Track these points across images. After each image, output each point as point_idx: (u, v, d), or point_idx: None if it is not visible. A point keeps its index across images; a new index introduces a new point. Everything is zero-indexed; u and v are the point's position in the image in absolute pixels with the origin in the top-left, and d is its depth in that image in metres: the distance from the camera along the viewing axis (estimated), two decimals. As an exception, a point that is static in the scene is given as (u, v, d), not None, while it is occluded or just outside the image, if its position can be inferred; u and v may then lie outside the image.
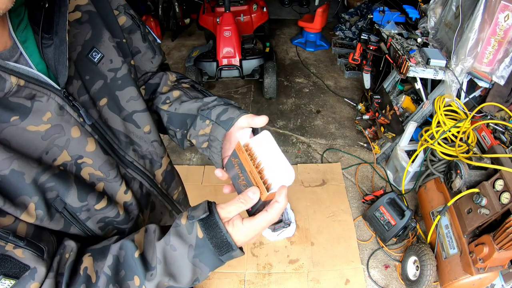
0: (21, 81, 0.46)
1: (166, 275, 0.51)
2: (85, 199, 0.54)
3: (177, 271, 0.51)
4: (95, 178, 0.57)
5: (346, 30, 4.19)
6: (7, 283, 0.44)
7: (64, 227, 0.54)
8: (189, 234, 0.51)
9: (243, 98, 3.35)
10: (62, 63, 0.50)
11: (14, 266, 0.45)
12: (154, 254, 0.51)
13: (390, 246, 2.03)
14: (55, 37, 0.50)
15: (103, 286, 0.50)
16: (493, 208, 1.46)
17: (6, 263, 0.44)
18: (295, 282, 1.87)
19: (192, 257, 0.51)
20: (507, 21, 1.77)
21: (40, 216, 0.49)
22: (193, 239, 0.51)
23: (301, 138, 2.85)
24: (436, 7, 2.34)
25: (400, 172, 2.30)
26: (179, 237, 0.51)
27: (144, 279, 0.50)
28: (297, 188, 2.38)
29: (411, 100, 2.51)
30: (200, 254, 0.51)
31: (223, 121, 0.63)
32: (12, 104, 0.46)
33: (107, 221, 0.59)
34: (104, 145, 0.58)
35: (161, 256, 0.51)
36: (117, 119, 0.61)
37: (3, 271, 0.44)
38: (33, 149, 0.49)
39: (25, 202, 0.47)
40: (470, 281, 1.57)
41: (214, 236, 0.50)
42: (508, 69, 1.88)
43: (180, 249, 0.51)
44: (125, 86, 0.62)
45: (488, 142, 1.85)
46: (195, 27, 4.56)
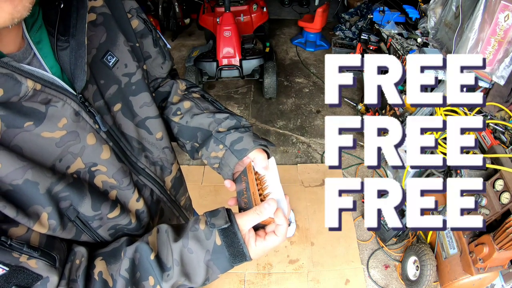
0: (37, 85, 0.43)
1: (182, 275, 0.52)
2: (99, 208, 0.53)
3: (192, 271, 0.53)
4: (108, 186, 0.56)
5: (346, 30, 4.19)
6: None
7: (75, 236, 0.53)
8: (207, 239, 0.53)
9: (243, 98, 3.35)
10: (80, 68, 0.48)
11: (27, 276, 0.44)
12: (170, 255, 0.52)
13: (390, 246, 2.03)
14: (71, 40, 0.48)
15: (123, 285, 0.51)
16: (493, 208, 1.46)
17: (19, 274, 0.43)
18: (295, 282, 1.87)
19: (208, 261, 0.53)
20: (507, 21, 1.77)
21: (53, 227, 0.48)
22: (211, 245, 0.53)
23: (301, 138, 2.85)
24: (436, 7, 2.34)
25: (400, 172, 2.30)
26: (197, 241, 0.53)
27: (161, 279, 0.52)
28: (297, 188, 2.38)
29: (411, 100, 2.51)
30: (216, 259, 0.53)
31: (237, 150, 0.65)
32: (26, 109, 0.44)
33: (118, 228, 0.59)
34: (118, 152, 0.57)
35: (179, 257, 0.52)
36: (131, 125, 0.60)
37: (15, 282, 0.43)
38: (47, 156, 0.47)
39: (38, 212, 0.46)
40: (470, 281, 1.57)
41: (231, 245, 0.53)
42: (508, 69, 1.88)
43: (197, 252, 0.53)
44: (139, 92, 0.61)
45: (488, 142, 1.85)
46: (195, 27, 4.56)
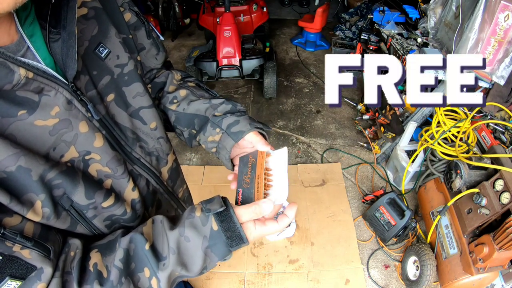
0: (29, 73, 0.45)
1: (179, 264, 0.53)
2: (93, 197, 0.53)
3: (189, 260, 0.53)
4: (102, 174, 0.56)
5: (346, 30, 4.19)
6: (13, 284, 0.44)
7: (70, 226, 0.53)
8: (204, 226, 0.53)
9: (243, 98, 3.35)
10: (71, 57, 0.50)
11: (21, 267, 0.44)
12: (165, 244, 0.53)
13: (390, 246, 2.03)
14: (63, 32, 0.50)
15: (116, 280, 0.51)
16: (493, 208, 1.46)
17: (12, 264, 0.43)
18: (295, 282, 1.87)
19: (206, 248, 0.53)
20: (507, 21, 1.77)
21: (47, 214, 0.48)
22: (207, 231, 0.53)
23: (301, 138, 2.85)
24: (436, 7, 2.34)
25: (400, 172, 2.30)
26: (193, 228, 0.53)
27: (157, 269, 0.52)
28: (297, 188, 2.38)
29: (411, 100, 2.51)
30: (213, 245, 0.54)
31: (233, 132, 0.66)
32: (19, 98, 0.45)
33: (114, 219, 0.59)
34: (111, 141, 0.58)
35: (175, 246, 0.53)
36: (124, 115, 0.61)
37: (9, 272, 0.43)
38: (40, 144, 0.48)
39: (32, 199, 0.46)
40: (470, 281, 1.57)
41: (228, 229, 0.53)
42: (508, 69, 1.88)
43: (194, 240, 0.53)
44: (132, 82, 0.62)
45: (488, 142, 1.85)
46: (195, 27, 4.56)
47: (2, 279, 0.43)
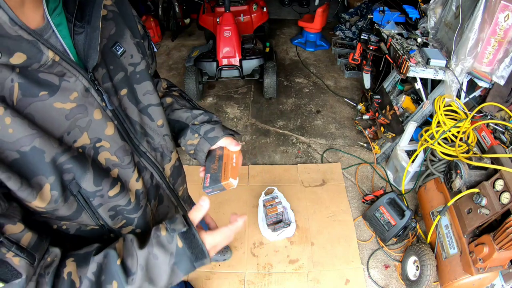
0: (56, 57, 0.48)
1: (146, 279, 0.56)
2: (100, 184, 0.56)
3: (156, 277, 0.56)
4: (110, 163, 0.59)
5: (346, 30, 4.19)
6: None
7: (75, 212, 0.55)
8: (170, 243, 0.57)
9: (243, 98, 3.35)
10: (93, 48, 0.54)
11: (7, 271, 0.45)
12: (134, 261, 0.56)
13: (390, 246, 2.03)
14: (87, 26, 0.54)
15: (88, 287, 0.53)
16: (493, 208, 1.46)
17: (1, 268, 0.45)
18: (295, 282, 1.87)
19: (172, 264, 0.57)
20: (507, 21, 1.77)
21: (55, 198, 0.50)
22: (173, 248, 0.57)
23: (301, 138, 2.85)
24: (436, 7, 2.34)
25: (400, 172, 2.30)
26: (160, 246, 0.57)
27: (126, 283, 0.54)
28: (297, 188, 2.38)
29: (411, 100, 2.51)
30: (179, 262, 0.57)
31: (210, 137, 0.76)
32: (42, 79, 0.47)
33: (118, 209, 0.61)
34: (121, 132, 0.61)
35: (144, 262, 0.56)
36: (135, 110, 0.65)
37: None
38: (56, 127, 0.50)
39: (41, 182, 0.48)
40: (470, 281, 1.57)
41: (192, 246, 0.58)
42: (508, 69, 1.88)
43: (161, 257, 0.57)
44: (143, 80, 0.66)
45: (488, 142, 1.85)
46: (195, 27, 4.56)
47: None
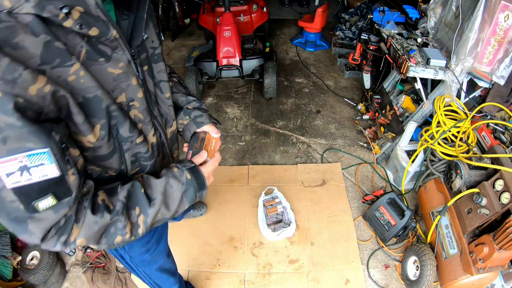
0: (117, 35, 0.64)
1: (163, 204, 0.74)
2: (132, 132, 0.73)
3: (170, 202, 0.75)
4: (137, 119, 0.76)
5: (346, 30, 4.19)
6: (50, 201, 0.57)
7: (110, 153, 0.72)
8: (181, 176, 0.77)
9: (243, 98, 3.35)
10: (139, 32, 0.72)
11: (63, 189, 0.58)
12: (154, 190, 0.74)
13: (390, 246, 2.03)
14: (132, 15, 0.71)
15: (120, 210, 0.68)
16: (493, 208, 1.46)
17: (59, 185, 0.57)
18: (295, 282, 1.87)
19: (183, 192, 0.77)
20: (507, 21, 1.77)
21: (102, 136, 0.66)
22: (184, 179, 0.77)
23: (301, 138, 2.85)
24: (436, 7, 2.34)
25: (400, 172, 2.30)
26: (175, 178, 0.77)
27: (149, 207, 0.72)
28: (297, 188, 2.38)
29: (411, 100, 2.51)
30: (187, 190, 0.77)
31: (197, 122, 0.97)
32: (101, 49, 0.63)
33: (138, 156, 0.79)
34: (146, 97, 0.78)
35: (163, 190, 0.74)
36: (151, 83, 0.81)
37: (54, 190, 0.57)
38: (107, 85, 0.65)
39: (95, 122, 0.64)
40: (470, 281, 1.57)
41: (196, 178, 0.79)
42: (508, 69, 1.88)
43: (175, 186, 0.76)
44: (158, 61, 0.84)
45: (488, 142, 1.85)
46: (195, 27, 4.56)
47: (46, 194, 0.56)
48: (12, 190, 0.53)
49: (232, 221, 2.18)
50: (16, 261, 1.82)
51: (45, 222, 0.58)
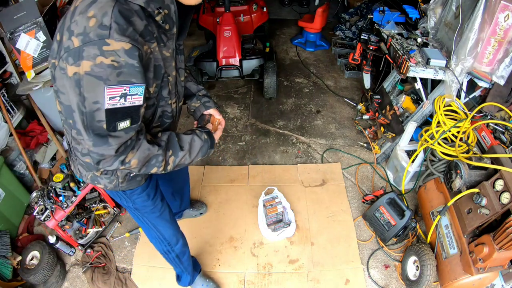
0: (175, 31, 0.96)
1: (188, 152, 1.04)
2: (168, 94, 1.03)
3: (192, 152, 1.06)
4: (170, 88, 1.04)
5: (346, 30, 4.19)
6: (127, 123, 0.83)
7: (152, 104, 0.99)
8: (201, 136, 1.09)
9: (243, 98, 3.35)
10: (185, 32, 1.05)
11: (136, 116, 0.86)
12: (183, 142, 1.04)
13: (390, 246, 2.03)
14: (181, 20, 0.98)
15: (163, 147, 0.97)
16: (493, 208, 1.46)
17: (137, 113, 0.85)
18: (295, 282, 1.87)
19: (201, 146, 1.08)
20: (507, 21, 1.77)
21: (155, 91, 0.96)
22: (203, 137, 1.09)
23: (301, 138, 2.85)
24: (436, 7, 2.34)
25: (400, 172, 2.30)
26: (197, 136, 1.08)
27: (180, 151, 1.01)
28: (297, 188, 2.38)
29: (411, 100, 2.51)
30: (203, 146, 1.09)
31: (206, 105, 1.29)
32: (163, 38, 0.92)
33: (164, 113, 1.07)
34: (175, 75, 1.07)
35: (189, 141, 1.05)
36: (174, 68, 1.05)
37: (132, 116, 0.84)
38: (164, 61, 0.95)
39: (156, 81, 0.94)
40: (470, 281, 1.57)
41: (211, 138, 1.13)
42: (508, 69, 1.88)
43: (197, 141, 1.07)
44: (182, 54, 1.12)
45: (488, 142, 1.85)
46: (195, 27, 4.55)
47: (127, 117, 0.82)
48: (106, 110, 0.77)
49: (232, 221, 2.18)
50: (16, 261, 1.82)
51: (120, 139, 0.84)
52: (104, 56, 0.72)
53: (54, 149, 2.35)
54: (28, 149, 2.21)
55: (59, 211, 1.80)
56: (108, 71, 0.74)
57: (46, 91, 2.17)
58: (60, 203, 1.81)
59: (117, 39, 0.73)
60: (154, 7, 0.82)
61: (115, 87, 0.76)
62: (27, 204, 2.15)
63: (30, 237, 2.04)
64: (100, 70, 0.73)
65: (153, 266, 1.94)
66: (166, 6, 0.86)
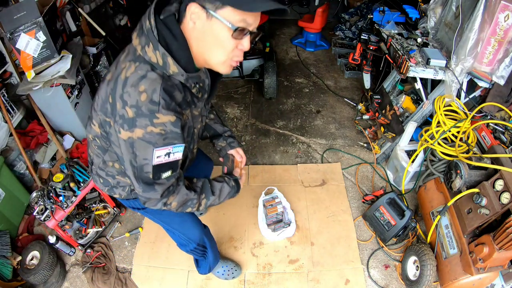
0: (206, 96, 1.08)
1: (217, 196, 1.17)
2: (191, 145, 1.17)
3: (221, 196, 1.18)
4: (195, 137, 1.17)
5: (346, 30, 4.19)
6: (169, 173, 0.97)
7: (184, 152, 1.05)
8: (229, 182, 1.22)
9: (243, 98, 3.35)
10: (214, 93, 1.16)
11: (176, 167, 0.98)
12: (214, 187, 1.17)
13: (390, 246, 2.03)
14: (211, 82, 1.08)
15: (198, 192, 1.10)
16: (493, 208, 1.46)
17: (176, 165, 0.98)
18: (295, 282, 1.87)
19: (228, 191, 1.20)
20: (507, 21, 1.77)
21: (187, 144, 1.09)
22: (231, 185, 1.22)
23: (301, 138, 2.85)
24: (436, 7, 2.34)
25: (400, 172, 2.30)
26: (226, 183, 1.21)
27: (211, 195, 1.14)
28: (297, 188, 2.38)
29: (411, 100, 2.51)
30: (231, 191, 1.21)
31: (231, 145, 1.40)
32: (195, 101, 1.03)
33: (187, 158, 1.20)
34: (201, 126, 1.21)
35: (220, 188, 1.18)
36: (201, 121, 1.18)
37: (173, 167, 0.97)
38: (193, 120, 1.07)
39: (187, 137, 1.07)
40: (470, 281, 1.57)
41: (237, 185, 1.25)
42: (508, 69, 1.88)
43: (226, 188, 1.20)
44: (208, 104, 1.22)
45: (488, 142, 1.85)
46: (195, 27, 4.55)
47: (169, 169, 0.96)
48: (153, 166, 0.92)
49: (232, 221, 2.18)
50: (16, 261, 1.82)
51: (163, 186, 0.98)
52: (154, 126, 0.87)
53: (54, 149, 2.35)
54: (28, 149, 2.21)
55: (59, 211, 1.80)
56: (157, 137, 0.88)
57: (46, 91, 2.17)
58: (60, 203, 1.81)
59: (164, 114, 0.86)
60: (191, 82, 0.94)
61: (161, 148, 0.90)
62: (27, 204, 2.15)
63: (30, 237, 2.04)
64: (150, 136, 0.88)
65: (153, 266, 1.94)
66: (201, 81, 0.99)
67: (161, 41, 0.86)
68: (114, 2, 3.51)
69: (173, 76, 0.89)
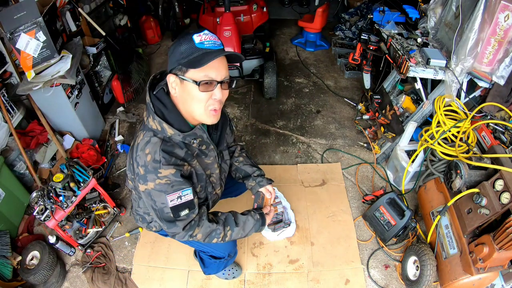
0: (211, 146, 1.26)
1: (242, 228, 1.32)
2: (212, 188, 1.36)
3: (246, 228, 1.33)
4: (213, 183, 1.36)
5: (346, 30, 4.19)
6: (186, 211, 1.16)
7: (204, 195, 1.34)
8: (254, 216, 1.36)
9: (243, 98, 3.35)
10: (223, 142, 1.34)
11: (193, 205, 1.18)
12: (239, 220, 1.32)
13: (390, 246, 2.03)
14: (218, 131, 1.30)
15: (221, 224, 1.28)
16: (493, 208, 1.46)
17: (192, 203, 1.17)
18: (295, 282, 1.87)
19: (253, 225, 1.34)
20: (507, 21, 1.77)
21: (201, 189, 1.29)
22: (256, 218, 1.36)
23: (301, 138, 2.85)
24: (436, 7, 2.34)
25: (400, 172, 2.30)
26: (251, 216, 1.36)
27: (235, 227, 1.29)
28: (297, 188, 2.38)
29: (411, 100, 2.51)
30: (256, 224, 1.35)
31: (260, 184, 1.52)
32: (203, 151, 1.24)
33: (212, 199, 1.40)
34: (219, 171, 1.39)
35: (244, 220, 1.33)
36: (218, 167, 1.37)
37: (189, 206, 1.16)
38: (204, 167, 1.27)
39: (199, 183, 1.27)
40: (470, 281, 1.57)
41: (262, 219, 1.38)
42: (508, 69, 1.88)
43: (250, 221, 1.34)
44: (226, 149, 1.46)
45: (488, 142, 1.85)
46: (195, 27, 4.55)
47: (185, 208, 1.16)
48: (170, 207, 1.13)
49: (232, 221, 2.18)
50: (16, 261, 1.82)
51: (184, 221, 1.18)
52: (160, 179, 1.08)
53: (54, 149, 2.35)
54: (28, 149, 2.21)
55: (59, 211, 1.80)
56: (165, 186, 1.10)
57: (46, 91, 2.17)
58: (60, 203, 1.81)
59: (165, 168, 1.08)
60: (189, 139, 1.15)
61: (172, 194, 1.11)
62: (27, 204, 2.15)
63: (30, 237, 2.04)
64: (160, 187, 1.09)
65: (153, 266, 1.94)
66: (199, 136, 1.17)
67: (157, 111, 1.10)
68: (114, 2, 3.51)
69: (172, 137, 1.11)
